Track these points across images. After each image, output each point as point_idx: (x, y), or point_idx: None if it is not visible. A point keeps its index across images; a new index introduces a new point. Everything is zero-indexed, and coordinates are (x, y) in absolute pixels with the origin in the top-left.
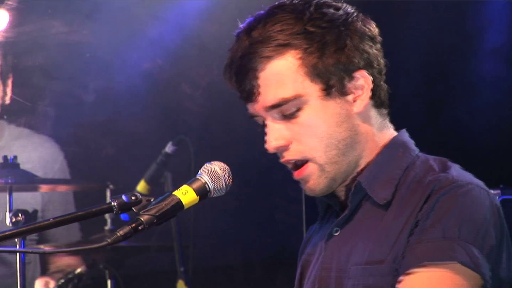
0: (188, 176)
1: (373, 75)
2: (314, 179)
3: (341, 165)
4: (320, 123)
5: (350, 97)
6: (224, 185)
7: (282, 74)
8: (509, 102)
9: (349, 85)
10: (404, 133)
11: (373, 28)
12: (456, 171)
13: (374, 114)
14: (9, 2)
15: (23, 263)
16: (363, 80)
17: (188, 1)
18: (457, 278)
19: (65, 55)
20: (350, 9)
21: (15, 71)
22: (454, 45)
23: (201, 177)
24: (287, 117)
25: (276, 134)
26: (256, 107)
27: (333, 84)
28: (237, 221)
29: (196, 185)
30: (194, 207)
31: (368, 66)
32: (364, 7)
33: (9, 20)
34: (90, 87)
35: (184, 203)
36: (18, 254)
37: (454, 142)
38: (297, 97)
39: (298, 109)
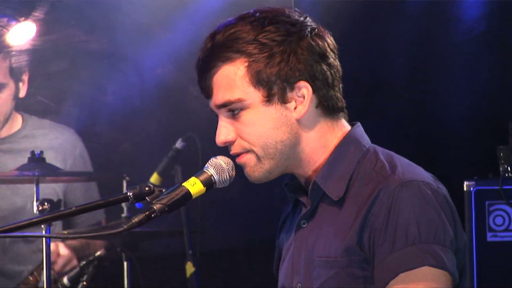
0: (196, 169)
1: (316, 86)
2: (250, 167)
3: (278, 161)
4: (259, 125)
5: (292, 105)
6: (228, 177)
7: (231, 78)
8: (483, 104)
9: (290, 94)
10: (357, 128)
11: (326, 45)
12: (401, 166)
13: (321, 119)
14: (36, 14)
15: (48, 246)
16: (305, 90)
17: (196, 13)
18: (429, 279)
19: (86, 61)
20: (309, 25)
21: (41, 75)
22: (437, 51)
23: (208, 170)
24: (234, 116)
25: (224, 130)
26: (211, 104)
27: (274, 92)
28: (240, 209)
29: (203, 177)
30: (201, 196)
31: (312, 78)
32: (353, 10)
33: (36, 30)
34: (108, 90)
35: (192, 193)
36: (44, 239)
37: (434, 139)
38: (240, 100)
39: (241, 110)
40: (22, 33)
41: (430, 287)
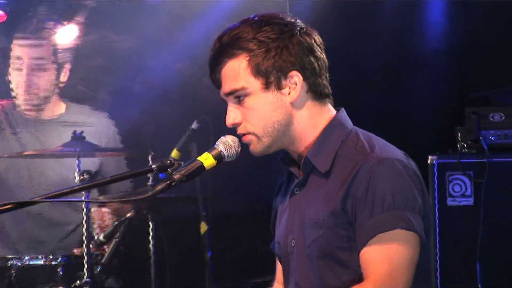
0: (208, 146)
1: (306, 75)
2: (253, 145)
3: (275, 137)
4: (260, 109)
5: (286, 90)
6: (234, 152)
7: (235, 71)
8: (444, 94)
9: (284, 82)
10: (341, 113)
11: (313, 41)
12: (379, 146)
13: (310, 103)
14: (77, 18)
15: (87, 210)
16: (296, 78)
17: (208, 17)
18: (401, 240)
19: (117, 57)
20: (298, 25)
21: (81, 69)
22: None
23: (218, 147)
24: (239, 102)
25: (232, 114)
26: (221, 93)
27: (271, 80)
28: (244, 180)
29: (214, 152)
30: (213, 168)
31: (302, 68)
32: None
33: (78, 31)
34: (136, 81)
35: (205, 166)
36: (84, 203)
37: (404, 122)
38: (243, 88)
39: (245, 97)
40: (66, 34)
41: (402, 246)
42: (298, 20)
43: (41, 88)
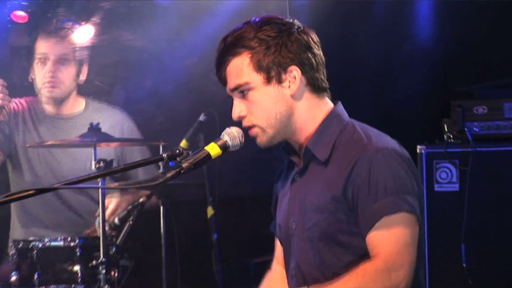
0: (215, 137)
1: (304, 69)
2: (259, 137)
3: (278, 128)
4: (263, 101)
5: (286, 84)
6: (239, 142)
7: (239, 68)
8: (432, 88)
9: (284, 76)
10: (338, 106)
11: (309, 39)
12: (375, 136)
13: (309, 95)
14: (94, 19)
15: (103, 195)
16: (295, 73)
17: (214, 18)
18: (405, 222)
19: (131, 55)
20: (296, 25)
21: (98, 65)
22: (396, 46)
23: (223, 137)
24: (244, 96)
25: (238, 108)
26: (227, 89)
27: (272, 75)
28: (248, 167)
29: (220, 142)
30: (219, 157)
31: (301, 63)
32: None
33: (94, 31)
34: (148, 76)
35: (212, 155)
36: (100, 189)
37: (394, 114)
38: (247, 83)
39: (248, 91)
40: (84, 34)
41: (406, 227)
42: (295, 20)
43: (66, 84)
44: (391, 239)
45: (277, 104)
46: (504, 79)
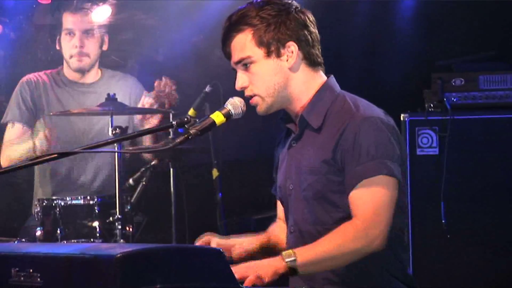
0: (219, 106)
1: (301, 45)
2: (259, 105)
3: (276, 98)
4: (263, 73)
5: (284, 58)
6: (241, 111)
7: (242, 43)
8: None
9: (283, 51)
10: (331, 79)
11: (306, 18)
12: (363, 106)
13: (305, 69)
14: (111, 0)
15: (120, 158)
16: (293, 48)
17: None
18: (384, 184)
19: (144, 32)
20: (294, 5)
21: (114, 42)
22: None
23: (227, 106)
24: (246, 69)
25: (241, 79)
26: (231, 62)
27: (272, 50)
28: (250, 133)
29: (224, 111)
30: (223, 124)
31: (298, 39)
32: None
33: (111, 11)
34: (159, 52)
35: (216, 122)
36: (116, 153)
37: (380, 87)
38: (249, 57)
39: (250, 64)
40: (101, 13)
41: (384, 188)
42: (294, 1)
43: (91, 56)
44: (369, 199)
45: (276, 75)
46: (480, 54)
